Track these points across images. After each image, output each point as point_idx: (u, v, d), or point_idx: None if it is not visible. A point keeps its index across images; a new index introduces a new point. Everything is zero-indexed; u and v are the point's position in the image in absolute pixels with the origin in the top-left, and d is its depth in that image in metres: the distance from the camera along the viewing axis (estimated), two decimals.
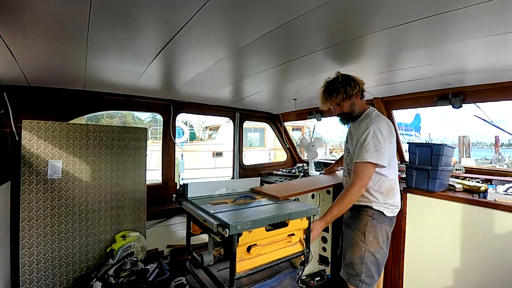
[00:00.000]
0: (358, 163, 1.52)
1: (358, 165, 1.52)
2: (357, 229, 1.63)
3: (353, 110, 1.64)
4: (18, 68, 1.71)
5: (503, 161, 12.20)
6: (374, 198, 1.60)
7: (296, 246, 1.40)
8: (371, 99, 2.73)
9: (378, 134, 1.49)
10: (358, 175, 1.50)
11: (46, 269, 1.99)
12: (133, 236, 2.24)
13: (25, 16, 1.10)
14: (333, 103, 1.63)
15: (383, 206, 1.61)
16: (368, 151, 1.47)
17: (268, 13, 1.12)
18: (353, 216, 1.68)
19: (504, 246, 1.61)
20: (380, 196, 1.60)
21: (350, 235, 1.67)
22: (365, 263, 1.58)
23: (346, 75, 1.62)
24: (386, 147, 1.50)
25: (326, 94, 1.61)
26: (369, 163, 1.48)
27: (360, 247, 1.59)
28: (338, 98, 1.58)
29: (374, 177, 1.57)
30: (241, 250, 1.19)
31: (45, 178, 2.00)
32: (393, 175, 1.64)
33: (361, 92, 1.63)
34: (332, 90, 1.59)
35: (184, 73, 1.98)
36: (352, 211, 1.69)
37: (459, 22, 1.15)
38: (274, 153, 10.93)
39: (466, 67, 1.78)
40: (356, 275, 1.60)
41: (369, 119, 1.58)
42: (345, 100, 1.60)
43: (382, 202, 1.61)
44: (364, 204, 1.63)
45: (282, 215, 1.30)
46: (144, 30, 1.29)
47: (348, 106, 1.63)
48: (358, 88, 1.59)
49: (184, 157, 9.61)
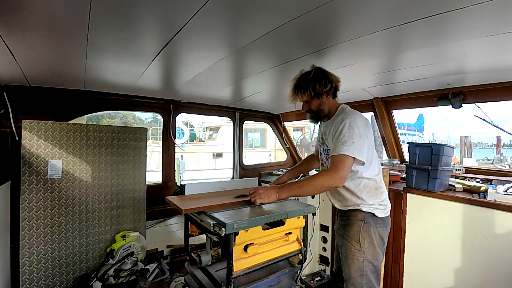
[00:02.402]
0: (333, 156, 1.34)
1: (334, 158, 1.34)
2: (349, 237, 1.47)
3: (321, 109, 1.51)
4: (18, 68, 1.71)
5: (505, 162, 12.17)
6: (361, 200, 1.47)
7: (293, 245, 1.40)
8: (371, 99, 2.73)
9: (354, 126, 1.36)
10: (334, 165, 1.32)
11: (46, 269, 2.00)
12: (133, 236, 2.24)
13: (25, 16, 1.10)
14: (301, 99, 1.50)
15: (372, 207, 1.47)
16: (344, 144, 1.32)
17: (268, 13, 1.12)
18: (343, 224, 1.53)
19: (504, 246, 1.60)
20: (367, 196, 1.46)
21: (344, 245, 1.50)
22: (365, 274, 1.43)
23: (320, 70, 1.47)
24: (363, 141, 1.36)
25: (295, 88, 1.48)
26: (345, 155, 1.31)
27: (357, 257, 1.44)
28: (305, 96, 1.45)
29: (355, 178, 1.45)
30: (238, 249, 1.19)
31: (45, 178, 2.00)
32: (376, 171, 1.50)
33: (333, 91, 1.49)
34: (301, 86, 1.46)
35: (184, 73, 1.98)
36: (343, 218, 1.55)
37: (459, 22, 1.15)
38: (274, 154, 10.91)
39: (466, 67, 1.78)
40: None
41: (343, 114, 1.44)
42: (314, 98, 1.47)
43: (371, 203, 1.47)
44: (353, 209, 1.49)
45: (279, 214, 1.30)
46: (144, 30, 1.29)
47: (316, 105, 1.49)
48: (329, 86, 1.45)
49: (184, 158, 9.59)
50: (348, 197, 1.49)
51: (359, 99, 2.80)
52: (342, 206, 1.54)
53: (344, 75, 1.62)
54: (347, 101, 2.96)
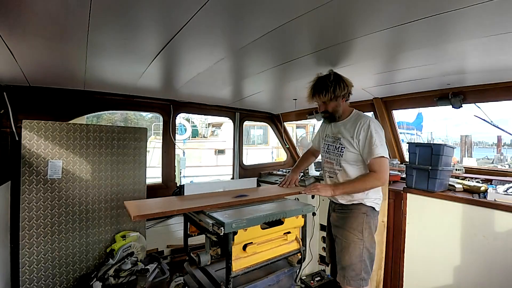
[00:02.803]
0: (373, 159, 1.53)
1: (375, 160, 1.53)
2: (352, 228, 1.61)
3: (336, 111, 1.65)
4: (18, 68, 1.71)
5: (505, 161, 12.14)
6: (366, 195, 1.62)
7: (292, 244, 1.40)
8: (371, 99, 2.73)
9: (378, 130, 1.56)
10: (379, 167, 1.53)
11: (46, 269, 2.00)
12: (133, 236, 2.24)
13: (25, 16, 1.10)
14: (320, 100, 1.64)
15: (374, 202, 1.64)
16: (379, 146, 1.52)
17: (268, 13, 1.12)
18: (345, 217, 1.66)
19: (504, 246, 1.60)
20: (371, 192, 1.63)
21: (343, 236, 1.63)
22: (363, 260, 1.59)
23: (338, 74, 1.62)
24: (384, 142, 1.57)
25: (315, 90, 1.62)
26: (383, 157, 1.52)
27: (358, 245, 1.59)
28: (326, 97, 1.59)
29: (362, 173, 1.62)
30: (237, 248, 1.19)
31: (45, 178, 2.00)
32: None
33: (348, 95, 1.65)
34: (322, 87, 1.59)
35: (184, 73, 1.98)
36: (343, 211, 1.67)
37: (459, 22, 1.15)
38: (277, 151, 10.83)
39: (466, 67, 1.78)
40: (357, 275, 1.58)
41: (364, 118, 1.61)
42: (332, 100, 1.61)
43: (373, 198, 1.64)
44: (357, 203, 1.63)
45: (277, 213, 1.31)
46: (144, 30, 1.29)
47: (333, 106, 1.64)
48: (346, 90, 1.61)
49: (186, 154, 9.54)
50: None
51: (359, 99, 2.80)
52: (347, 201, 1.66)
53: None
54: None
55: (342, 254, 1.62)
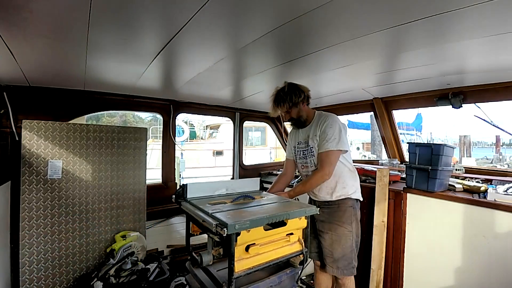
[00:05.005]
0: (320, 153, 1.68)
1: (321, 155, 1.68)
2: (342, 222, 1.72)
3: (300, 115, 1.79)
4: (18, 68, 1.71)
5: (504, 161, 12.16)
6: (349, 188, 1.74)
7: (295, 246, 1.40)
8: (371, 99, 2.73)
9: (334, 124, 1.67)
10: (321, 163, 1.67)
11: (46, 269, 2.00)
12: (133, 236, 2.24)
13: (25, 16, 1.10)
14: (282, 110, 1.77)
15: (357, 193, 1.78)
16: (329, 141, 1.65)
17: (268, 13, 1.12)
18: (331, 211, 1.76)
19: (504, 246, 1.61)
20: (349, 180, 1.75)
21: (332, 229, 1.73)
22: (353, 249, 1.73)
23: (292, 84, 1.75)
24: (343, 134, 1.68)
25: (275, 103, 1.77)
26: (331, 151, 1.64)
27: (349, 237, 1.71)
28: (285, 107, 1.73)
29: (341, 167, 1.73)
30: (239, 249, 1.19)
31: (45, 178, 2.00)
32: (351, 157, 1.84)
33: (306, 99, 1.78)
34: (280, 99, 1.73)
35: (184, 73, 1.98)
36: (329, 207, 1.77)
37: (459, 22, 1.15)
38: (275, 152, 10.91)
39: (466, 67, 1.78)
40: (349, 263, 1.71)
41: (323, 116, 1.75)
42: (292, 108, 1.74)
43: (355, 190, 1.77)
44: (344, 198, 1.74)
45: (280, 214, 1.30)
46: (144, 30, 1.29)
47: (296, 112, 1.77)
48: (303, 95, 1.74)
49: (184, 156, 9.58)
50: (335, 185, 1.74)
51: (359, 99, 2.80)
52: (332, 197, 1.76)
53: (344, 75, 1.64)
54: (347, 101, 2.97)
55: (334, 247, 1.73)
